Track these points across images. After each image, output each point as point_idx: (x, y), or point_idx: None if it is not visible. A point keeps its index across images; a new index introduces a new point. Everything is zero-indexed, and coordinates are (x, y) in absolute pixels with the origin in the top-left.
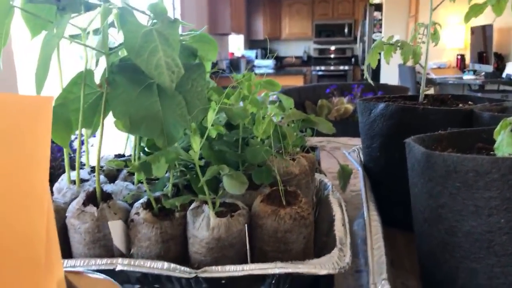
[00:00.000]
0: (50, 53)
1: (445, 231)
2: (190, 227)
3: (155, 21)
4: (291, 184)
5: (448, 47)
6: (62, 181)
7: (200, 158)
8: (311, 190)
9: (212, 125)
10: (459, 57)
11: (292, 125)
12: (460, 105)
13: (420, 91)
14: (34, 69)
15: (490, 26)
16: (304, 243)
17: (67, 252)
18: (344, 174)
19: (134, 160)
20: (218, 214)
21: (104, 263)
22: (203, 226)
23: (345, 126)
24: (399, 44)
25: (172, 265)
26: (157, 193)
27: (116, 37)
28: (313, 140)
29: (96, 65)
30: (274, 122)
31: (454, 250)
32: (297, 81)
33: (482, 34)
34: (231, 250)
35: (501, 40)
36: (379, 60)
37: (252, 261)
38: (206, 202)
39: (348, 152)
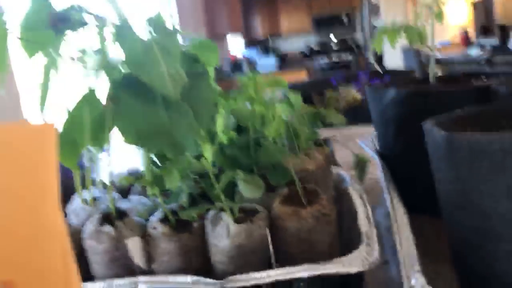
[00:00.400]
0: (49, 77)
1: (478, 216)
2: (209, 237)
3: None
4: (308, 180)
5: (451, 24)
6: (75, 201)
7: (213, 165)
8: (329, 184)
9: (221, 131)
10: (463, 33)
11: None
12: (474, 83)
13: (429, 72)
14: (36, 93)
15: None
16: (329, 241)
17: (86, 273)
18: (360, 164)
19: (146, 171)
20: (237, 221)
21: (124, 283)
22: (223, 235)
23: (356, 114)
24: (403, 28)
25: (195, 277)
26: (173, 205)
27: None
28: (325, 133)
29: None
30: (284, 120)
31: (488, 234)
32: (300, 75)
33: (484, 8)
34: (254, 256)
35: (504, 11)
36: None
37: (277, 265)
38: (223, 209)
39: (363, 142)
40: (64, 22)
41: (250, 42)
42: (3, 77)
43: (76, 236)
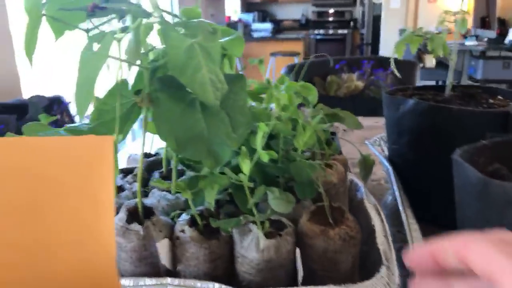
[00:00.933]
0: (95, 75)
1: None
2: (237, 247)
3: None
4: (330, 193)
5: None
6: None
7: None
8: (347, 194)
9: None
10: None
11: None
12: (491, 100)
13: (447, 84)
14: (75, 91)
15: None
16: (352, 261)
17: None
18: (366, 165)
19: (173, 169)
20: (266, 234)
21: (154, 283)
22: (252, 247)
23: (355, 103)
24: (428, 36)
25: (224, 286)
26: (199, 208)
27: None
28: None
29: (128, 73)
30: (316, 132)
31: None
32: (296, 46)
33: None
34: (281, 270)
35: (505, 4)
36: (378, 27)
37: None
38: (252, 221)
39: (370, 143)
40: (103, 10)
41: (248, 6)
42: (31, 60)
43: None
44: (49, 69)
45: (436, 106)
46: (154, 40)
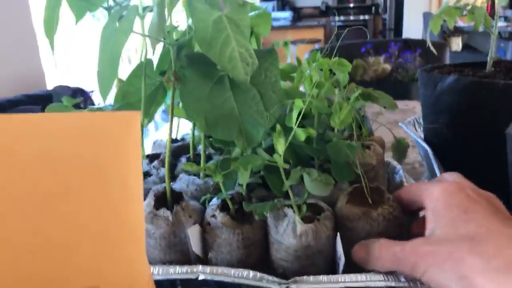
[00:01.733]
0: (118, 52)
1: None
2: (272, 232)
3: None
4: (369, 176)
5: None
6: None
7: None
8: (385, 177)
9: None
10: (489, 2)
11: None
12: None
13: (488, 59)
14: (97, 69)
15: None
16: None
17: None
18: (400, 148)
19: (201, 153)
20: (303, 219)
21: (185, 271)
22: (289, 233)
23: (383, 87)
24: (467, 8)
25: (259, 274)
26: (230, 192)
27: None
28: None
29: (153, 53)
30: (354, 110)
31: None
32: (317, 34)
33: None
34: (320, 257)
35: None
36: (401, 12)
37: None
38: (287, 205)
39: (405, 125)
40: None
41: None
42: (52, 42)
43: None
44: (72, 64)
45: (479, 81)
46: (180, 18)
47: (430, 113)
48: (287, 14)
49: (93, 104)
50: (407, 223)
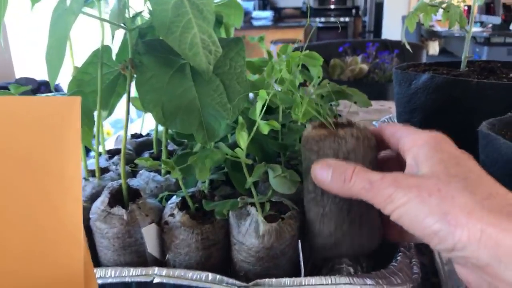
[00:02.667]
0: (66, 33)
1: None
2: (234, 232)
3: None
4: None
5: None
6: None
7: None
8: None
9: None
10: (465, 7)
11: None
12: (511, 74)
13: (462, 58)
14: (45, 52)
15: None
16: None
17: (92, 256)
18: None
19: (163, 149)
20: (267, 218)
21: (139, 273)
22: (251, 233)
23: (359, 87)
24: (443, 6)
25: (218, 277)
26: (192, 189)
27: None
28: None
29: (112, 39)
30: (317, 102)
31: None
32: (297, 34)
33: None
34: (283, 258)
35: None
36: (381, 15)
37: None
38: (251, 203)
39: (377, 123)
40: None
41: None
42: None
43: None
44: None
45: (454, 79)
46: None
47: (404, 111)
48: (268, 14)
49: None
50: None
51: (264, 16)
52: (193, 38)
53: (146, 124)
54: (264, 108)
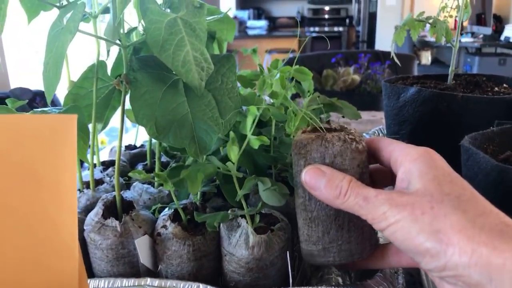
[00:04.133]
0: (63, 52)
1: None
2: (225, 244)
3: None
4: None
5: (444, 13)
6: None
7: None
8: None
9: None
10: (457, 18)
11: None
12: (496, 88)
13: (449, 71)
14: (42, 69)
15: None
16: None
17: (86, 267)
18: None
19: (156, 161)
20: (257, 230)
21: (132, 284)
22: (241, 244)
23: (352, 98)
24: (430, 21)
25: (209, 287)
26: (184, 201)
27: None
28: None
29: (107, 56)
30: (308, 115)
31: None
32: (291, 44)
33: None
34: (272, 269)
35: (501, 1)
36: (374, 24)
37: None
38: (241, 215)
39: (369, 135)
40: None
41: (243, 3)
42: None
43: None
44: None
45: (440, 93)
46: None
47: (393, 123)
48: (262, 23)
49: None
50: None
51: (259, 25)
52: (186, 55)
53: (140, 135)
54: (255, 123)
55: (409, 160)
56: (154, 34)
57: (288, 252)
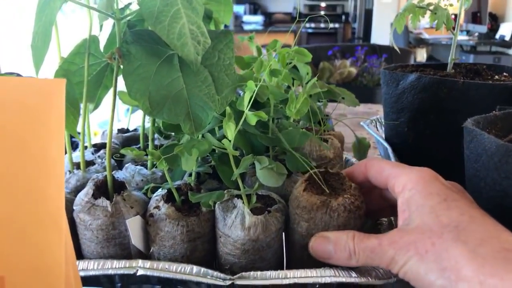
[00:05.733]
0: (52, 19)
1: None
2: (220, 225)
3: None
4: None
5: (445, 1)
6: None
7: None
8: None
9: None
10: (453, 16)
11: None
12: (496, 77)
13: (449, 60)
14: (30, 40)
15: None
16: None
17: (75, 249)
18: (361, 148)
19: (149, 142)
20: (253, 210)
21: (122, 266)
22: (237, 225)
23: (348, 90)
24: (431, 8)
25: (203, 269)
26: (178, 182)
27: None
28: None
29: (100, 30)
30: (309, 100)
31: None
32: (287, 39)
33: None
34: (269, 251)
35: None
36: (370, 21)
37: (290, 265)
38: (237, 196)
39: (366, 124)
40: None
41: None
42: None
43: (66, 207)
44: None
45: (440, 79)
46: None
47: (391, 111)
48: (259, 18)
49: None
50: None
51: (255, 20)
52: (182, 28)
53: (133, 121)
54: (252, 100)
55: (404, 190)
56: (149, 5)
57: (284, 233)
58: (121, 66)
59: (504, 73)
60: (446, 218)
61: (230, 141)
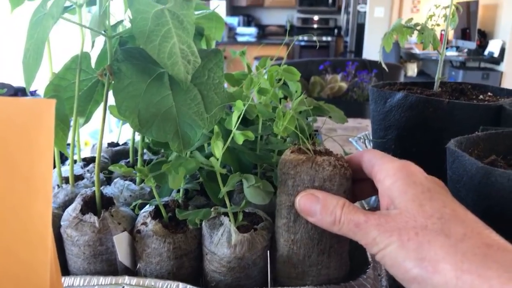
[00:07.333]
0: (44, 37)
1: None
2: (206, 242)
3: None
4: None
5: (432, 22)
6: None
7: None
8: None
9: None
10: (442, 32)
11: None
12: (481, 96)
13: (436, 78)
14: (22, 55)
15: (475, 2)
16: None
17: (61, 264)
18: None
19: (138, 157)
20: (239, 228)
21: (109, 282)
22: (223, 243)
23: (338, 105)
24: (418, 28)
25: (189, 286)
26: (165, 198)
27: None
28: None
29: (92, 46)
30: (296, 117)
31: None
32: (280, 51)
33: (467, 10)
34: (254, 269)
35: (486, 16)
36: (362, 35)
37: (274, 283)
38: (224, 213)
39: (355, 140)
40: None
41: (233, 10)
42: None
43: (54, 222)
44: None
45: (426, 98)
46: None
47: (379, 128)
48: (252, 30)
49: None
50: None
51: (249, 32)
52: (172, 47)
53: (123, 134)
54: (240, 119)
55: (387, 177)
56: (140, 24)
57: (268, 252)
58: (112, 82)
59: (489, 93)
60: (430, 208)
61: (217, 159)
